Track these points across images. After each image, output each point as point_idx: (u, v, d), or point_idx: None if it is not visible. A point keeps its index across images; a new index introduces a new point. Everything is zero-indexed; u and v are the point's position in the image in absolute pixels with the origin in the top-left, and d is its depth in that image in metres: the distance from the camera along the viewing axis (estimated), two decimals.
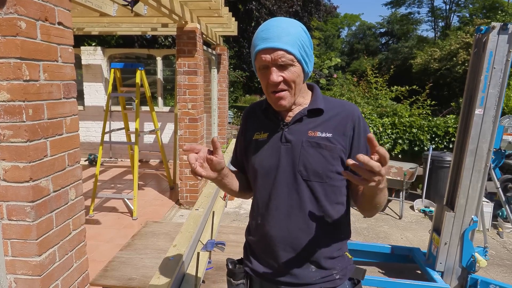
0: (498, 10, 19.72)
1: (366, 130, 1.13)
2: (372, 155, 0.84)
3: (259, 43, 1.01)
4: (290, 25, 1.02)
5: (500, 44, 2.61)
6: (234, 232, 3.84)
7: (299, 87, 1.07)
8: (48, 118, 1.56)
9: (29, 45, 1.43)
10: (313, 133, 1.10)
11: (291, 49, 0.99)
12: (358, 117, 1.12)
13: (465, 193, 2.83)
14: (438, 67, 16.87)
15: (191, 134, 4.48)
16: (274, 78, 1.01)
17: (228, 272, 1.26)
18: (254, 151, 1.18)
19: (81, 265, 1.84)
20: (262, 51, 1.01)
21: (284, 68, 1.01)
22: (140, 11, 3.90)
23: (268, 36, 0.99)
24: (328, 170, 1.08)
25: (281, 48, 0.98)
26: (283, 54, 0.99)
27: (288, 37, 0.99)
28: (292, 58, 1.00)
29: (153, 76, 6.95)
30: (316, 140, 1.09)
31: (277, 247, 1.13)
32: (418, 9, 39.91)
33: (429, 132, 5.87)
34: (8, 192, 1.46)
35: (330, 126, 1.10)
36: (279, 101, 1.06)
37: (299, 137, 1.10)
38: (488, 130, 2.73)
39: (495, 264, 3.53)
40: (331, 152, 1.08)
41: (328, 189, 1.10)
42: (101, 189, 5.00)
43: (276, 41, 0.98)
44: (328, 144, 1.08)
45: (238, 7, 11.05)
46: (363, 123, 1.14)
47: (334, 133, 1.09)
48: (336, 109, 1.13)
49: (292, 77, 1.03)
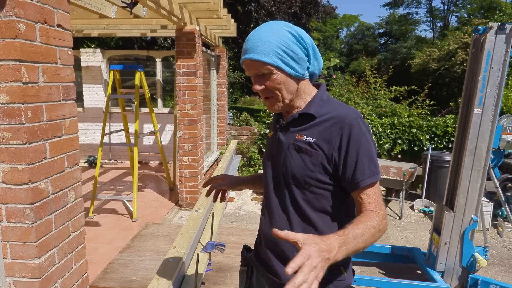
0: (496, 10, 19.77)
1: (358, 140, 1.01)
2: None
3: (242, 54, 1.06)
4: (270, 32, 1.01)
5: (498, 44, 2.62)
6: (234, 234, 3.83)
7: (288, 91, 1.06)
8: (47, 120, 1.56)
9: (28, 48, 1.43)
10: (300, 136, 1.08)
11: (266, 59, 1.00)
12: (349, 124, 1.02)
13: (465, 192, 2.83)
14: (436, 67, 16.90)
15: (191, 135, 4.48)
16: (255, 87, 1.06)
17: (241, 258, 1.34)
18: (266, 147, 1.27)
19: (81, 267, 1.84)
20: (244, 62, 1.05)
21: (265, 77, 1.04)
22: (139, 13, 3.91)
23: (247, 47, 1.03)
24: (306, 176, 1.05)
25: (255, 59, 1.01)
26: (259, 65, 1.01)
27: (263, 47, 1.00)
28: (269, 67, 1.01)
29: (152, 78, 6.96)
30: (300, 143, 1.07)
31: (265, 244, 1.18)
32: (416, 9, 40.08)
33: (428, 132, 5.87)
34: (7, 194, 1.46)
35: (316, 131, 1.06)
36: (271, 107, 1.10)
37: (288, 139, 1.11)
38: (487, 130, 2.74)
39: (495, 263, 3.54)
40: (311, 158, 1.04)
41: (309, 195, 1.07)
42: (101, 191, 5.00)
43: (251, 53, 1.01)
44: (309, 149, 1.05)
45: (237, 9, 11.07)
46: (357, 131, 1.02)
47: (318, 139, 1.05)
48: (329, 114, 1.07)
49: (273, 85, 1.04)
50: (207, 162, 5.66)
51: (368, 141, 1.03)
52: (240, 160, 6.56)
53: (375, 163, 1.03)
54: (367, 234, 0.92)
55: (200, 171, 4.69)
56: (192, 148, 4.51)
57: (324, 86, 1.16)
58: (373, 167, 1.02)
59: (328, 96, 1.13)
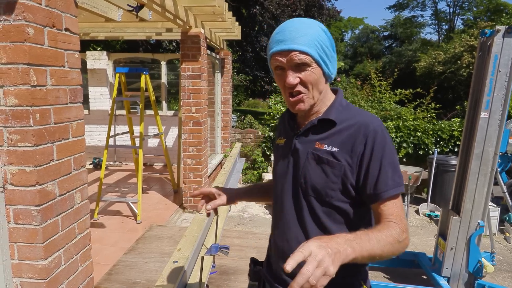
0: (502, 13, 19.65)
1: (382, 149, 0.95)
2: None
3: (274, 46, 0.98)
4: (307, 25, 0.97)
5: (505, 47, 2.60)
6: (238, 236, 3.83)
7: (318, 89, 1.00)
8: (55, 123, 1.57)
9: (37, 51, 1.45)
10: (320, 145, 1.01)
11: (307, 49, 0.94)
12: (374, 131, 0.96)
13: (471, 197, 2.80)
14: (442, 70, 16.80)
15: (195, 138, 4.49)
16: (290, 80, 0.96)
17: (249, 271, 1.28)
18: (275, 156, 1.19)
19: (86, 268, 1.85)
20: (277, 53, 0.97)
21: (301, 69, 0.96)
22: (144, 16, 3.94)
23: (283, 38, 0.96)
24: (327, 188, 0.99)
25: (296, 49, 0.94)
26: (299, 54, 0.95)
27: (304, 38, 0.94)
28: (309, 58, 0.95)
29: (157, 80, 6.99)
30: (321, 153, 1.00)
31: (278, 257, 1.12)
32: (422, 12, 39.99)
33: (433, 136, 5.84)
34: (15, 196, 1.48)
35: (338, 140, 0.99)
36: (297, 105, 1.00)
37: (306, 148, 1.03)
38: (494, 134, 2.71)
39: (502, 269, 3.49)
40: (333, 169, 0.98)
41: (330, 207, 1.00)
42: (106, 192, 5.02)
43: (290, 43, 0.94)
44: (331, 159, 0.98)
45: (241, 12, 11.11)
46: (381, 139, 0.96)
47: (341, 148, 0.98)
48: (350, 121, 1.00)
49: (310, 79, 0.97)
50: (211, 165, 5.67)
51: (392, 150, 0.97)
52: (244, 162, 6.57)
53: (399, 173, 0.97)
54: (384, 241, 0.85)
55: (204, 173, 4.69)
56: (197, 151, 4.52)
57: (342, 92, 1.11)
58: (397, 177, 0.96)
59: (346, 102, 1.07)
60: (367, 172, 0.95)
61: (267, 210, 5.04)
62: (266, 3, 11.21)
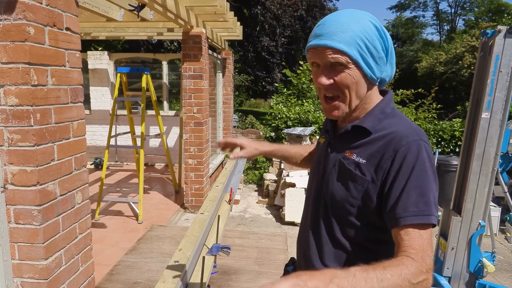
0: (504, 13, 19.61)
1: (411, 168, 0.81)
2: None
3: (311, 39, 0.89)
4: (353, 19, 0.85)
5: (507, 48, 2.59)
6: (240, 236, 3.83)
7: (357, 95, 0.88)
8: (56, 123, 1.57)
9: (38, 51, 1.45)
10: (350, 153, 0.92)
11: (345, 48, 0.83)
12: (407, 146, 0.83)
13: (472, 197, 2.80)
14: (443, 70, 16.78)
15: (196, 138, 4.49)
16: (322, 80, 0.87)
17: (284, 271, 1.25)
18: (316, 153, 1.13)
19: (87, 268, 1.85)
20: (312, 49, 0.88)
21: (336, 70, 0.86)
22: (146, 16, 3.94)
23: (322, 32, 0.85)
24: (346, 202, 0.89)
25: (331, 47, 0.84)
26: (334, 53, 0.84)
27: (344, 34, 0.83)
28: (346, 58, 0.84)
29: (158, 80, 7.00)
30: (348, 163, 0.90)
31: (298, 258, 1.10)
32: (423, 12, 39.88)
33: (435, 136, 5.83)
34: (16, 196, 1.48)
35: (368, 151, 0.88)
36: (331, 111, 0.91)
37: (337, 154, 0.95)
38: (495, 134, 2.71)
39: (503, 269, 3.49)
40: (355, 183, 0.88)
41: (347, 224, 0.91)
42: (107, 192, 5.02)
43: (328, 39, 0.84)
44: (354, 172, 0.88)
45: (243, 12, 11.12)
46: (412, 157, 0.82)
47: (368, 161, 0.87)
48: (385, 131, 0.88)
49: (345, 82, 0.86)
50: (212, 165, 5.67)
51: (424, 171, 0.82)
52: (245, 163, 6.56)
53: (427, 200, 0.80)
54: (389, 281, 0.68)
55: (205, 173, 4.69)
56: (198, 151, 4.52)
57: (391, 95, 0.97)
58: (422, 205, 0.80)
59: (393, 109, 0.93)
60: (389, 191, 0.83)
61: (268, 210, 5.04)
62: (268, 3, 11.21)
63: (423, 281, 0.72)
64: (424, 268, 0.73)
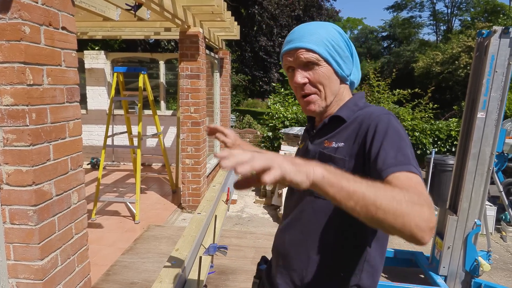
0: (499, 14, 19.73)
1: (384, 132, 0.85)
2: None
3: (284, 46, 0.99)
4: (319, 26, 0.96)
5: (502, 48, 2.61)
6: (237, 236, 3.83)
7: (331, 90, 0.97)
8: (51, 122, 1.57)
9: (33, 50, 1.44)
10: (328, 143, 0.97)
11: (314, 47, 0.93)
12: (377, 117, 0.89)
13: (468, 196, 2.82)
14: (440, 70, 16.87)
15: (194, 137, 4.48)
16: (298, 78, 0.95)
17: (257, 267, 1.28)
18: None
19: (83, 269, 1.84)
20: (286, 54, 0.97)
21: (309, 68, 0.95)
22: (143, 16, 3.93)
23: (292, 37, 0.96)
24: None
25: (302, 47, 0.93)
26: (305, 52, 0.93)
27: (312, 36, 0.94)
28: (317, 56, 0.93)
29: (155, 80, 6.98)
30: (328, 151, 0.96)
31: (274, 256, 1.12)
32: (420, 13, 39.87)
33: (431, 136, 5.85)
34: (11, 196, 1.47)
35: (344, 135, 0.95)
36: (308, 105, 0.99)
37: (317, 148, 1.01)
38: (491, 134, 2.72)
39: (498, 268, 3.51)
40: (335, 165, 0.89)
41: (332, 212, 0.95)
42: (104, 192, 5.01)
43: (298, 41, 0.94)
44: (333, 155, 0.93)
45: (240, 11, 11.12)
46: (384, 125, 0.86)
47: (346, 142, 0.93)
48: (359, 116, 0.96)
49: (318, 78, 0.95)
50: (210, 165, 5.66)
51: (398, 134, 0.85)
52: None
53: (405, 153, 0.81)
54: (386, 194, 0.65)
55: (202, 173, 4.69)
56: (195, 151, 4.52)
57: (363, 94, 1.06)
58: (401, 156, 0.80)
59: (365, 103, 1.01)
60: (369, 154, 0.85)
61: (266, 210, 5.04)
62: (265, 3, 11.22)
63: (425, 207, 0.65)
64: (421, 192, 0.70)
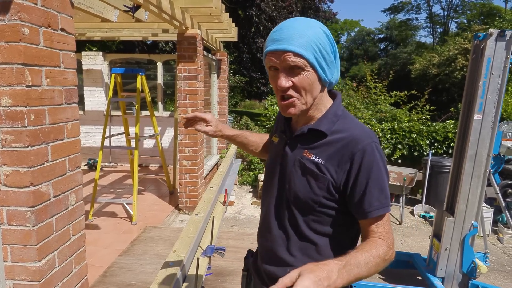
0: (495, 16, 19.86)
1: (369, 169, 0.93)
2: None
3: (269, 44, 0.94)
4: (307, 25, 0.92)
5: (498, 51, 2.63)
6: (234, 238, 3.83)
7: (312, 95, 0.96)
8: (50, 123, 1.56)
9: (32, 51, 1.44)
10: (308, 154, 0.99)
11: (303, 52, 0.89)
12: (363, 149, 0.93)
13: (465, 198, 2.83)
14: (436, 72, 16.95)
15: (191, 139, 4.48)
16: (282, 83, 0.92)
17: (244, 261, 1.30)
18: (269, 151, 1.21)
19: (81, 270, 1.84)
20: (271, 53, 0.93)
21: (294, 72, 0.92)
22: (141, 17, 3.93)
23: (280, 37, 0.91)
24: (310, 199, 0.97)
25: (291, 51, 0.89)
26: (293, 56, 0.90)
27: (302, 39, 0.89)
28: (304, 62, 0.90)
29: (153, 81, 6.98)
30: (307, 163, 0.98)
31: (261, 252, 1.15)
32: (417, 15, 40.25)
33: (428, 137, 5.88)
34: (9, 197, 1.46)
35: (326, 152, 0.97)
36: (287, 109, 0.97)
37: (295, 154, 1.02)
38: (487, 136, 2.74)
39: (495, 270, 3.52)
40: (317, 182, 0.96)
41: (311, 217, 1.00)
42: (101, 194, 4.99)
43: (286, 43, 0.90)
44: (315, 171, 0.97)
45: (238, 13, 11.12)
46: (369, 159, 0.93)
47: (327, 161, 0.96)
48: (341, 134, 0.97)
49: (303, 84, 0.93)
50: (207, 166, 5.66)
51: (380, 170, 0.95)
52: (240, 164, 6.56)
53: (386, 194, 0.95)
54: (371, 263, 0.85)
55: (200, 174, 4.69)
56: (193, 152, 4.51)
57: (340, 98, 1.07)
58: (383, 198, 0.94)
59: (343, 111, 1.03)
60: (353, 191, 0.95)
61: None
62: (263, 4, 11.24)
63: (391, 255, 0.92)
64: (391, 244, 0.93)
